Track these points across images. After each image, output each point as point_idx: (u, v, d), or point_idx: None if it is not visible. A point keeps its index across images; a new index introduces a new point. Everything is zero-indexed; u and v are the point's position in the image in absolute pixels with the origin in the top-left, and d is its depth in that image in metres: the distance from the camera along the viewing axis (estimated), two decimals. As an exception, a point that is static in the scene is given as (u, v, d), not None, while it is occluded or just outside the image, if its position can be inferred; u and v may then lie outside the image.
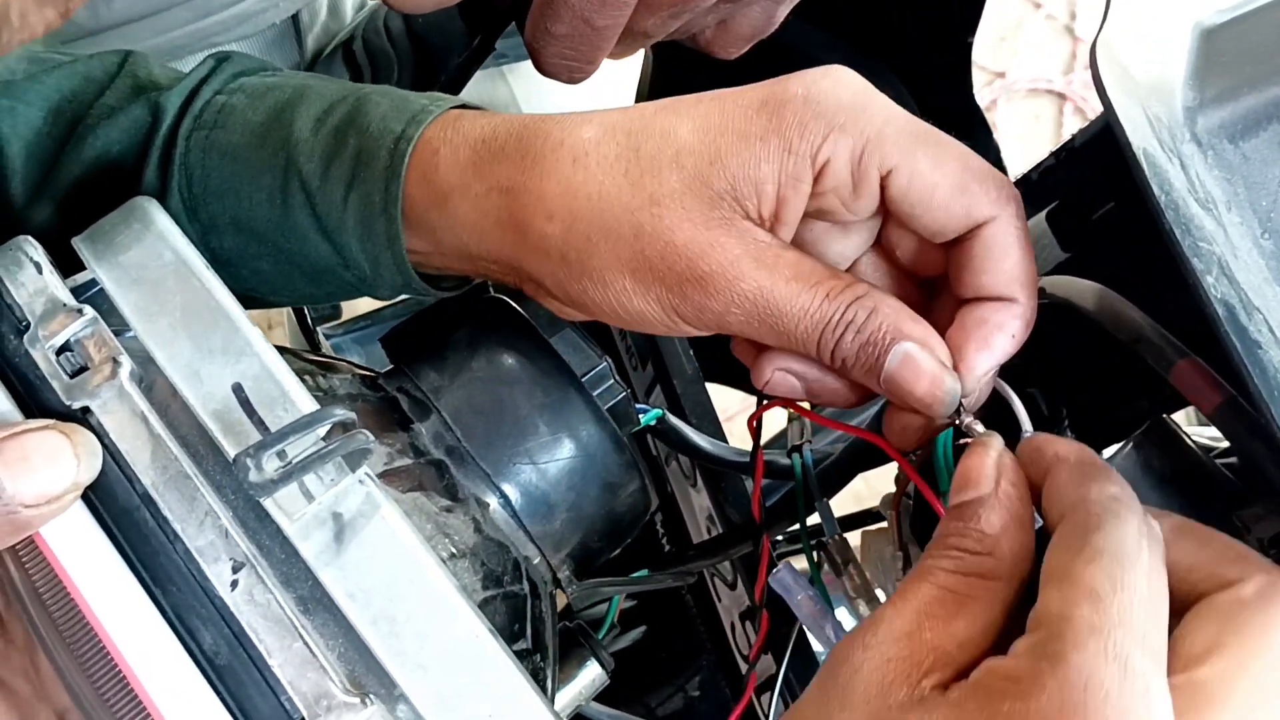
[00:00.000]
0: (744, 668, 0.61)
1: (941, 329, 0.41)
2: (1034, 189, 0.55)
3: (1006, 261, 0.40)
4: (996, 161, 0.83)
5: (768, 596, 0.53)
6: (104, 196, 0.44)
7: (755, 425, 0.48)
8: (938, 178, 0.40)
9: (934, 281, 0.44)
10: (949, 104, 0.80)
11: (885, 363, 0.40)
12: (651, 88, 0.78)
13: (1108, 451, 0.45)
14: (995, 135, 0.83)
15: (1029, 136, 2.01)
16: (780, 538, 0.75)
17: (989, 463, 0.37)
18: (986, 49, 2.01)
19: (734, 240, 0.40)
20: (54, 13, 0.21)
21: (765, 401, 0.45)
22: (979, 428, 0.40)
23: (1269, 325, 0.37)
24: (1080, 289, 0.45)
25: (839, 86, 0.40)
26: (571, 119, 0.42)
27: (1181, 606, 0.34)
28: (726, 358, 0.45)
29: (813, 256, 0.41)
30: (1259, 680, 0.32)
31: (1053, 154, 0.54)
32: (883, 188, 0.40)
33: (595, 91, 0.62)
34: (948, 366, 0.40)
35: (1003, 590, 0.35)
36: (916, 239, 0.43)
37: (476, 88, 0.64)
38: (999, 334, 0.41)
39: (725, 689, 0.69)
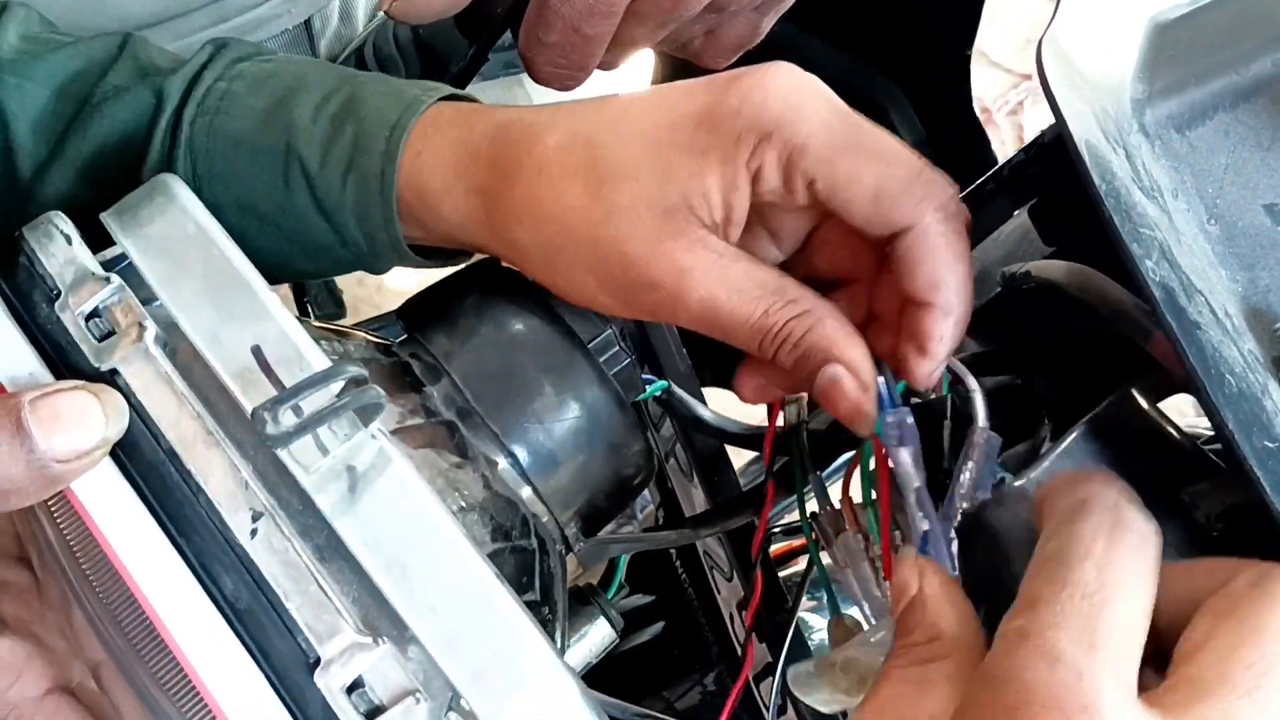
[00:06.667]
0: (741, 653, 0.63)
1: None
2: (1007, 184, 0.56)
3: (923, 266, 0.42)
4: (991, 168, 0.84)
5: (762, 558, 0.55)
6: (110, 174, 0.46)
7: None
8: (854, 189, 0.41)
9: None
10: (948, 113, 0.82)
11: (816, 379, 0.43)
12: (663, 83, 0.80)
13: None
14: (1021, 135, 0.85)
15: (1055, 137, 2.01)
16: (776, 530, 0.77)
17: (907, 569, 0.38)
18: (1012, 52, 2.01)
19: (684, 253, 0.42)
20: None
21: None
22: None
23: (1210, 307, 0.38)
24: (1061, 269, 0.46)
25: (771, 95, 0.42)
26: (540, 121, 0.45)
27: (1189, 613, 0.33)
28: (724, 365, 0.48)
29: (761, 262, 0.44)
30: (1251, 663, 0.30)
31: (1023, 149, 0.55)
32: (810, 192, 0.42)
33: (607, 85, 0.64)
34: (869, 391, 0.43)
35: (959, 661, 0.35)
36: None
37: (493, 95, 0.67)
38: (929, 341, 0.43)
39: (730, 681, 0.70)
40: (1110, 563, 0.32)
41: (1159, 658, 0.32)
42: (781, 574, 0.80)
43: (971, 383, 0.44)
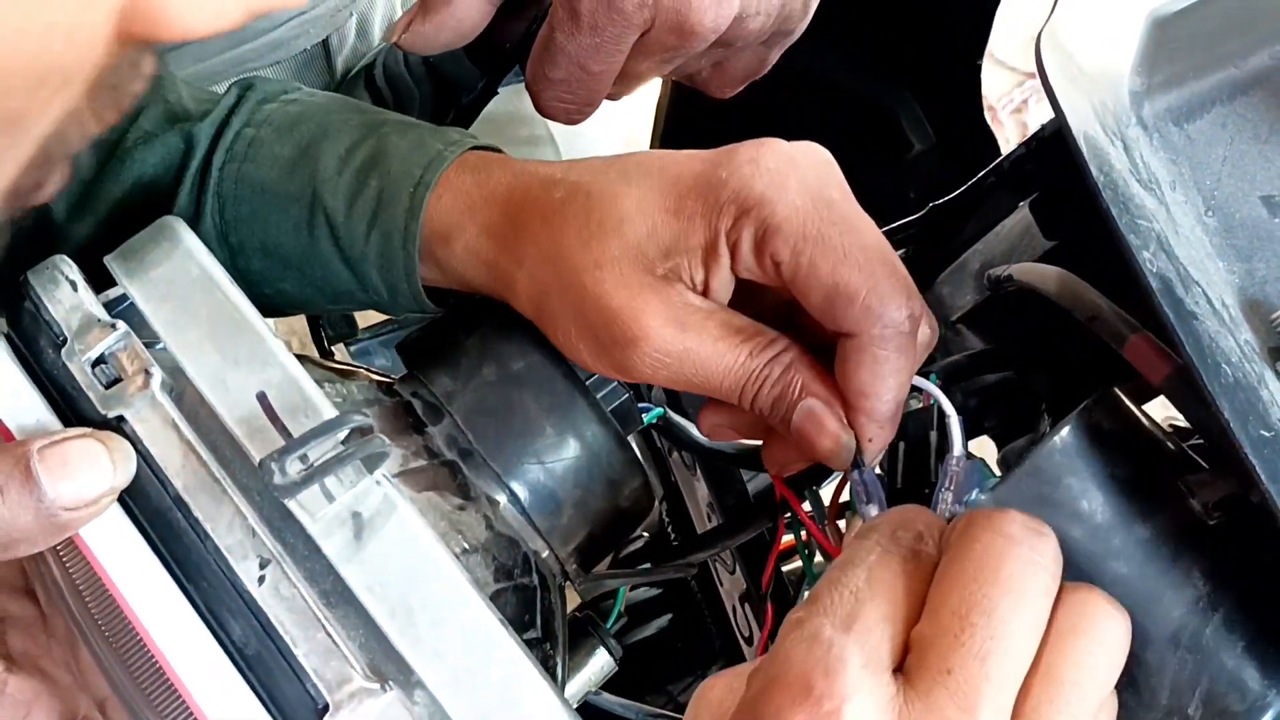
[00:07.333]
0: (746, 649, 0.64)
1: None
2: (1007, 178, 0.57)
3: (857, 374, 0.43)
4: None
5: (774, 584, 0.56)
6: (140, 216, 0.47)
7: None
8: (810, 281, 0.42)
9: None
10: (959, 121, 0.82)
11: (793, 416, 0.44)
12: (669, 106, 0.81)
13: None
14: (1025, 133, 0.85)
15: (1059, 135, 2.02)
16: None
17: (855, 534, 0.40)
18: (1017, 50, 2.02)
19: (663, 305, 0.43)
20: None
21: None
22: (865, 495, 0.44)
23: (1207, 297, 0.38)
24: (1042, 273, 0.47)
25: (758, 173, 0.43)
26: (553, 174, 0.47)
27: None
28: None
29: (750, 309, 0.45)
30: (956, 609, 0.33)
31: (1023, 143, 0.56)
32: (777, 273, 0.43)
33: (616, 112, 0.65)
34: (845, 425, 0.44)
35: None
36: None
37: (500, 102, 0.67)
38: (859, 439, 0.44)
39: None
40: (879, 567, 0.35)
41: None
42: (785, 568, 0.81)
43: (948, 408, 0.44)
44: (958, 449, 0.43)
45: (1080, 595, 0.34)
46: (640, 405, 0.52)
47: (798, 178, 0.43)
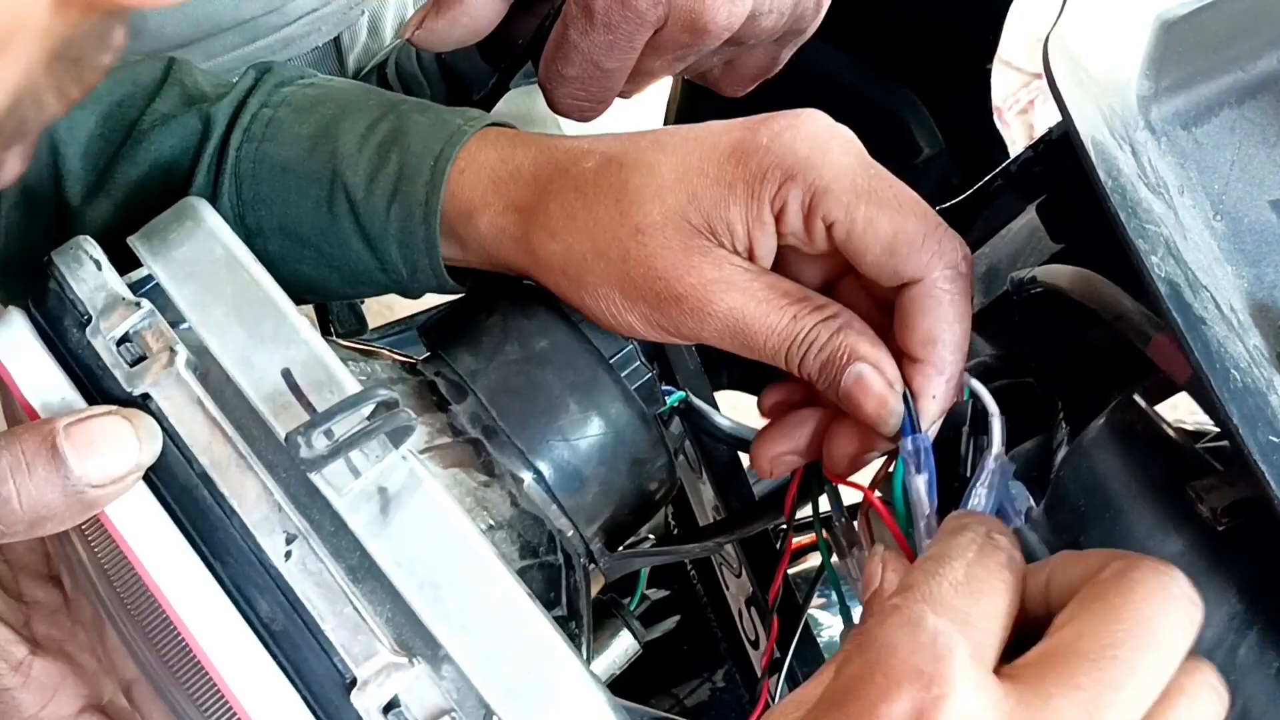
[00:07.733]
0: (752, 653, 0.63)
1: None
2: (1015, 181, 0.57)
3: (923, 321, 0.43)
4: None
5: (781, 598, 0.55)
6: (157, 198, 0.47)
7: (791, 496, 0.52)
8: (869, 236, 0.43)
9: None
10: (969, 125, 0.82)
11: (842, 380, 0.44)
12: (680, 103, 0.81)
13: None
14: (1031, 134, 0.85)
15: (1065, 136, 2.02)
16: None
17: (874, 563, 0.40)
18: (1023, 51, 2.02)
19: (709, 265, 0.44)
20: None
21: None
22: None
23: (1215, 302, 0.38)
24: (1065, 274, 0.47)
25: (799, 138, 0.43)
26: (579, 149, 0.47)
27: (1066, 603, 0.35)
28: (746, 369, 0.48)
29: (788, 278, 0.45)
30: (1102, 638, 0.33)
31: (1030, 146, 0.56)
32: (829, 236, 0.43)
33: (626, 110, 0.65)
34: (895, 389, 0.44)
35: None
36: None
37: (512, 102, 0.67)
38: (921, 398, 0.44)
39: (739, 679, 0.71)
40: (978, 565, 0.35)
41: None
42: (792, 570, 0.80)
43: (992, 407, 0.44)
44: (997, 446, 0.44)
45: (1196, 664, 0.34)
46: (663, 388, 0.51)
47: (837, 141, 0.44)
